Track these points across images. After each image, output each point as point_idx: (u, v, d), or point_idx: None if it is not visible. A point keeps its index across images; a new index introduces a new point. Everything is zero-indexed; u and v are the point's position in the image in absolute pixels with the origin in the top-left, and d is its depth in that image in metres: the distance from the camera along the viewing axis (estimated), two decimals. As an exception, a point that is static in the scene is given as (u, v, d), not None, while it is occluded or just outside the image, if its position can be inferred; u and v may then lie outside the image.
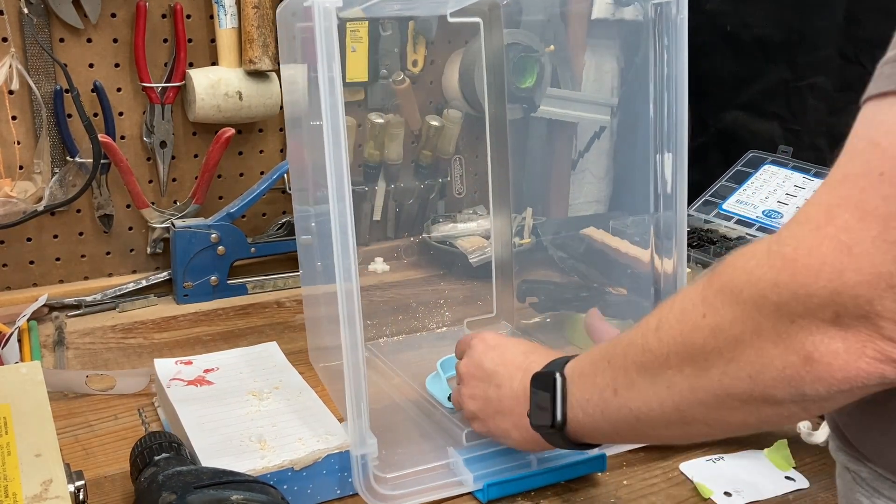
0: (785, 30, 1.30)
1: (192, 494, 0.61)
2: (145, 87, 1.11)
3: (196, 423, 0.78)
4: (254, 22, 1.12)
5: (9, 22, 1.02)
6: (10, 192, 1.05)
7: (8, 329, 0.96)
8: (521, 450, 0.74)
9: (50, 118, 1.07)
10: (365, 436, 0.72)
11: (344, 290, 0.70)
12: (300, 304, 1.15)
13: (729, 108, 1.37)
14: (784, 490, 0.77)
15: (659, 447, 0.84)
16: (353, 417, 0.72)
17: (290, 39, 0.88)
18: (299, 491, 0.72)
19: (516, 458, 0.76)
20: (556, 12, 1.33)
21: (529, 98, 1.22)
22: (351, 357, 0.71)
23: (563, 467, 0.77)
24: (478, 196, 1.29)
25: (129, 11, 1.09)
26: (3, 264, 1.10)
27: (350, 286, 0.70)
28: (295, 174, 0.95)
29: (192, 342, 1.03)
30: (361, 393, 0.71)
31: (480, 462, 0.75)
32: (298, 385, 0.88)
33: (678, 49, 0.83)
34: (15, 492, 0.55)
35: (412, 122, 1.23)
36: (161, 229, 1.16)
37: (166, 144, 1.15)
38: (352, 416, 0.72)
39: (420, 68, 1.29)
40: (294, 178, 0.93)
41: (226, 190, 1.21)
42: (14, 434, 0.62)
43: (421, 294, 1.12)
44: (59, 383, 0.89)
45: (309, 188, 0.86)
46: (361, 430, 0.72)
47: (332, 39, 0.68)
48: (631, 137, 1.01)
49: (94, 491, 0.73)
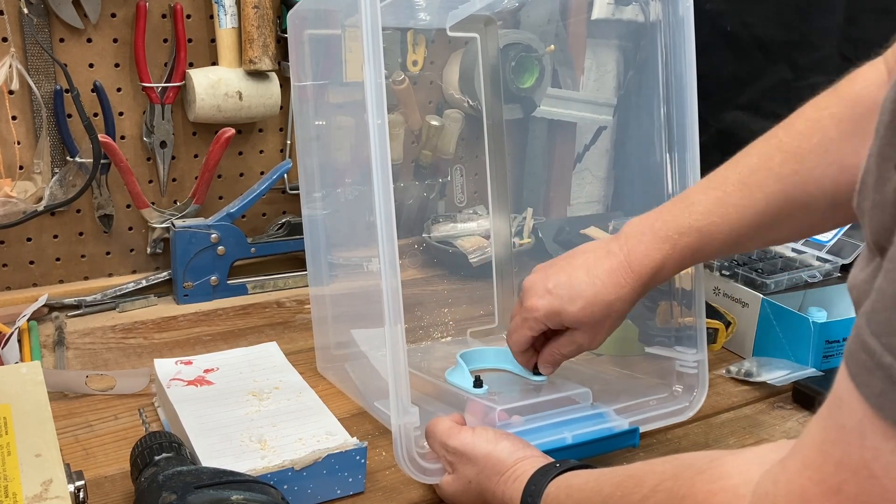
0: (785, 30, 1.30)
1: (192, 494, 0.61)
2: (145, 87, 1.11)
3: (196, 423, 0.78)
4: (254, 22, 1.11)
5: (9, 22, 1.02)
6: (10, 192, 1.05)
7: (8, 329, 0.96)
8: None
9: (50, 118, 1.07)
10: (406, 405, 0.71)
11: (388, 259, 0.71)
12: (300, 304, 1.15)
13: (729, 108, 1.37)
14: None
15: (659, 448, 0.84)
16: (394, 387, 0.71)
17: (299, 45, 0.89)
18: (299, 491, 0.72)
19: (551, 434, 0.77)
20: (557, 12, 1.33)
21: (529, 98, 1.22)
22: (392, 328, 0.70)
23: (598, 441, 0.77)
24: (478, 196, 1.29)
25: (129, 11, 1.09)
26: (3, 264, 1.10)
27: (393, 251, 0.71)
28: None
29: (192, 342, 1.03)
30: (401, 361, 0.70)
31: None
32: (298, 385, 0.88)
33: (686, 45, 0.84)
34: (15, 492, 0.55)
35: (412, 122, 1.23)
36: (161, 229, 1.16)
37: (166, 144, 1.15)
38: (393, 386, 0.71)
39: (420, 68, 1.29)
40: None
41: (226, 190, 1.21)
42: (14, 434, 0.62)
43: (421, 294, 1.12)
44: (59, 383, 0.89)
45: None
46: (403, 399, 0.71)
47: (379, 48, 0.70)
48: (634, 137, 1.01)
49: (94, 491, 0.73)
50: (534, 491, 0.65)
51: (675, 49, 0.85)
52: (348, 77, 0.89)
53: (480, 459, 0.70)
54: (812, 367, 0.96)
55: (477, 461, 0.70)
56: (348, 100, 0.90)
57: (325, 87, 0.91)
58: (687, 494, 0.48)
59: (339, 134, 0.90)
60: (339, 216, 0.91)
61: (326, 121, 0.91)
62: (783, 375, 0.95)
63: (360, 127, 0.72)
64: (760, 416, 0.91)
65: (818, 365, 0.96)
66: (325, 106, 0.91)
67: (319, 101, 0.91)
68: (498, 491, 0.68)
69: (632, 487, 0.55)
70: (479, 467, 0.70)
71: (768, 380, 0.95)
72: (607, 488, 0.58)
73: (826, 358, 0.97)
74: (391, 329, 0.71)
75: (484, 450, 0.70)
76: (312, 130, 0.91)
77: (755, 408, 0.93)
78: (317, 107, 0.91)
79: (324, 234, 0.92)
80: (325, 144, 0.92)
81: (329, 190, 0.92)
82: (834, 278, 1.10)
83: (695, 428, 0.88)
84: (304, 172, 0.92)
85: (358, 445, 0.74)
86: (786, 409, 0.92)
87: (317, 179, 0.92)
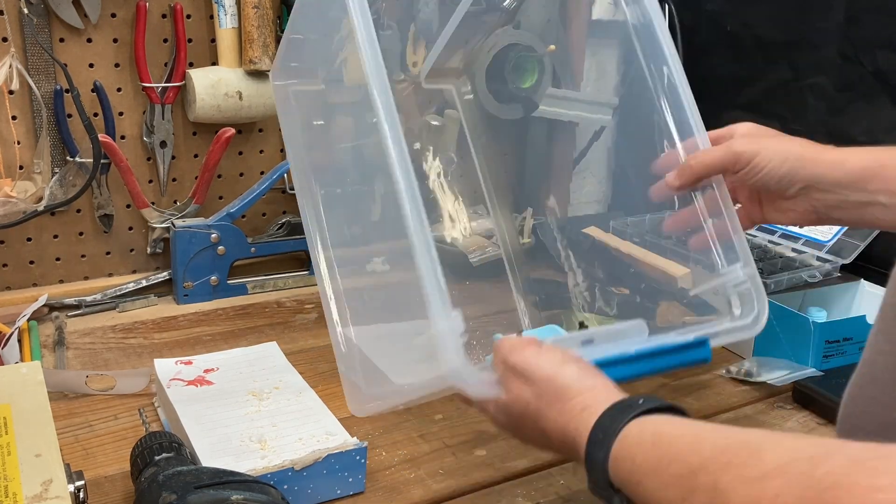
0: (785, 30, 1.30)
1: (192, 494, 0.61)
2: (145, 87, 1.11)
3: (196, 424, 0.78)
4: (254, 22, 1.11)
5: (9, 22, 1.02)
6: (10, 192, 1.05)
7: (8, 329, 0.96)
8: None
9: (50, 118, 1.07)
10: (447, 308, 0.61)
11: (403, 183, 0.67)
12: (300, 304, 1.15)
13: (729, 108, 1.37)
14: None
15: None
16: (432, 286, 0.62)
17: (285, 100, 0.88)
18: (299, 491, 0.72)
19: (619, 347, 0.70)
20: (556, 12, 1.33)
21: (529, 98, 1.22)
22: (419, 234, 0.65)
23: (665, 352, 0.70)
24: (478, 196, 1.28)
25: (129, 11, 1.09)
26: (3, 264, 1.10)
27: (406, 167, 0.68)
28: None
29: (192, 342, 1.03)
30: (432, 259, 0.63)
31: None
32: (298, 385, 0.88)
33: (660, 45, 0.83)
34: (15, 492, 0.55)
35: (412, 122, 1.23)
36: (161, 229, 1.16)
37: (166, 144, 1.15)
38: (431, 284, 0.62)
39: (420, 68, 1.29)
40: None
41: (226, 190, 1.21)
42: (14, 434, 0.62)
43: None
44: (59, 383, 0.89)
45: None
46: (442, 301, 0.61)
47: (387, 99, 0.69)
48: (634, 137, 1.01)
49: (94, 491, 0.73)
50: (608, 428, 0.55)
51: (653, 50, 0.84)
52: (349, 80, 0.89)
53: (542, 381, 0.61)
54: (812, 367, 0.96)
55: (538, 382, 0.61)
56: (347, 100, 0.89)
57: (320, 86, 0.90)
58: (837, 485, 0.39)
59: (337, 132, 0.90)
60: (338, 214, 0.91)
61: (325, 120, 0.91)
62: (783, 375, 0.95)
63: (360, 127, 0.71)
64: (761, 417, 0.91)
65: (818, 365, 0.96)
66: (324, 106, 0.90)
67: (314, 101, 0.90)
68: (561, 420, 0.59)
69: (745, 458, 0.45)
70: (539, 389, 0.61)
71: (768, 380, 0.95)
72: (709, 450, 0.47)
73: (826, 358, 0.97)
74: (417, 229, 0.64)
75: (548, 370, 0.61)
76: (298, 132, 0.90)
77: (755, 408, 0.93)
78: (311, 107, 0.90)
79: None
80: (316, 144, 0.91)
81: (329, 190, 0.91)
82: (834, 278, 1.10)
83: (695, 428, 0.88)
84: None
85: (358, 445, 0.74)
86: (786, 409, 0.92)
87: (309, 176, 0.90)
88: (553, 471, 0.80)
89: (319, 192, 0.87)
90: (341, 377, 0.78)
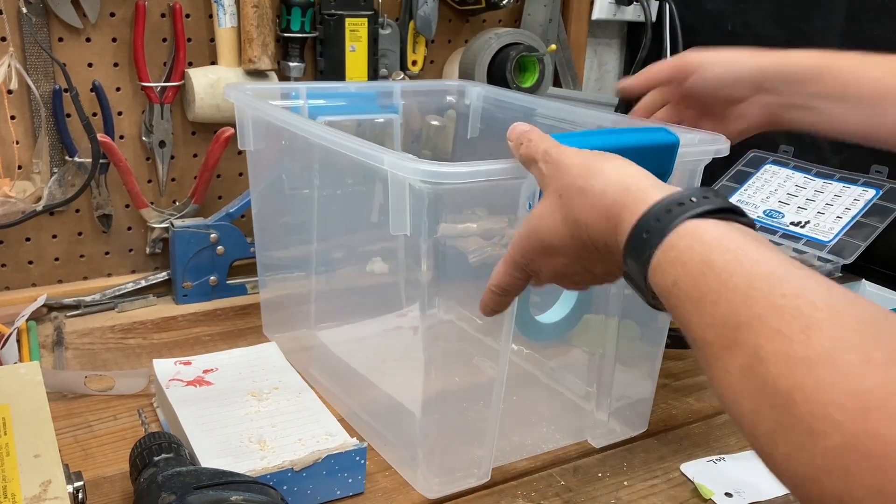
0: (785, 30, 1.30)
1: (191, 495, 0.60)
2: (144, 87, 1.11)
3: (195, 424, 0.78)
4: (253, 21, 1.11)
5: (8, 21, 1.02)
6: (9, 192, 1.05)
7: (7, 329, 0.96)
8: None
9: (49, 118, 1.07)
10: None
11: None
12: (300, 305, 1.15)
13: (729, 108, 1.37)
14: (785, 490, 0.77)
15: (659, 448, 0.84)
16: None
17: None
18: (299, 491, 0.72)
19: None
20: (557, 12, 1.32)
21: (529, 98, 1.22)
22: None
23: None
24: (477, 196, 1.28)
25: (129, 11, 1.08)
26: (2, 264, 1.10)
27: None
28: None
29: (192, 342, 1.03)
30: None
31: None
32: (298, 385, 0.88)
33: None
34: (14, 492, 0.55)
35: (412, 122, 1.23)
36: (160, 229, 1.16)
37: (165, 144, 1.15)
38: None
39: (420, 68, 1.29)
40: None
41: (225, 190, 1.21)
42: (13, 434, 0.61)
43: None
44: (58, 384, 0.88)
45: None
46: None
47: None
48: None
49: (93, 492, 0.72)
50: (655, 227, 0.48)
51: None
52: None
53: (575, 166, 0.56)
54: (813, 368, 0.96)
55: (570, 168, 0.56)
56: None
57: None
58: (882, 406, 0.35)
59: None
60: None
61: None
62: (784, 376, 0.95)
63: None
64: (761, 417, 0.91)
65: (819, 365, 0.96)
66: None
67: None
68: (598, 205, 0.53)
69: (796, 331, 0.39)
70: (572, 175, 0.55)
71: (769, 380, 0.95)
72: (762, 305, 0.41)
73: (827, 358, 0.96)
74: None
75: (583, 156, 0.56)
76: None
77: (756, 408, 0.93)
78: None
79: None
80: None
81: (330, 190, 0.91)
82: (835, 278, 1.10)
83: (695, 428, 0.88)
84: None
85: (358, 446, 0.74)
86: (787, 410, 0.92)
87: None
88: (553, 471, 0.80)
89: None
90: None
